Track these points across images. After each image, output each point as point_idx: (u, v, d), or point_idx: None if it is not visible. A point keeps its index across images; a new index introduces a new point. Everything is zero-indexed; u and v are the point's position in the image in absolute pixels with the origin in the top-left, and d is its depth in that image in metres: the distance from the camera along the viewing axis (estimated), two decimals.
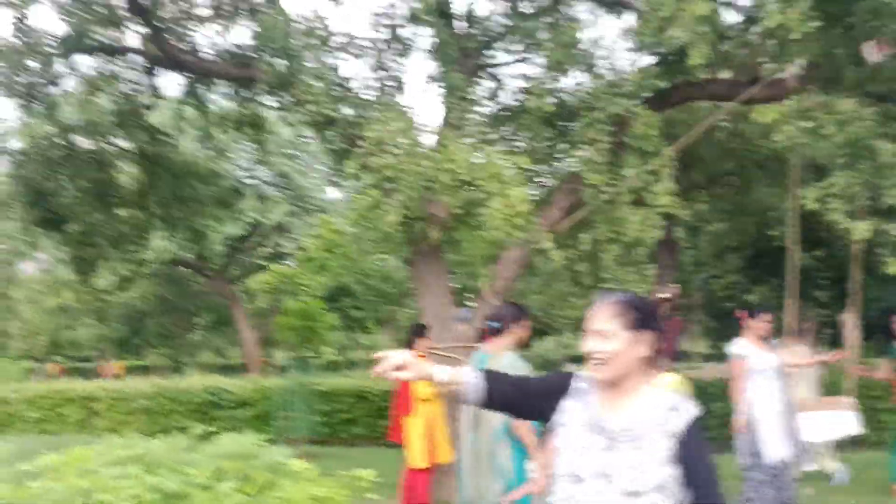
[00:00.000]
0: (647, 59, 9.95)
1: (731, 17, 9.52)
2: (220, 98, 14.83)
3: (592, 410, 2.72)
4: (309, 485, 3.82)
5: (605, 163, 8.34)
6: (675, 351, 9.53)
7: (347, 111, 9.45)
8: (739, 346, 7.62)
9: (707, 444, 2.63)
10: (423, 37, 10.52)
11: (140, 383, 18.01)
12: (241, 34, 12.59)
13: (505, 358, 5.34)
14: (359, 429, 15.29)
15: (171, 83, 14.24)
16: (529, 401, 2.85)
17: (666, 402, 2.65)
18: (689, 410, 2.63)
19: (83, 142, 14.19)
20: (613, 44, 14.60)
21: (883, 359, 10.00)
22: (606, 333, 2.65)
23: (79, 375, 37.86)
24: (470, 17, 10.69)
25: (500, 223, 7.53)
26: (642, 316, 2.68)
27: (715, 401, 10.46)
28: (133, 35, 12.87)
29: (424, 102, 23.45)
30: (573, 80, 10.67)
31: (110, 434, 13.66)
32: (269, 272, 28.79)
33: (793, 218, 9.47)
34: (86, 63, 13.41)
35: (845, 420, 9.09)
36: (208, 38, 12.59)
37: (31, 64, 11.65)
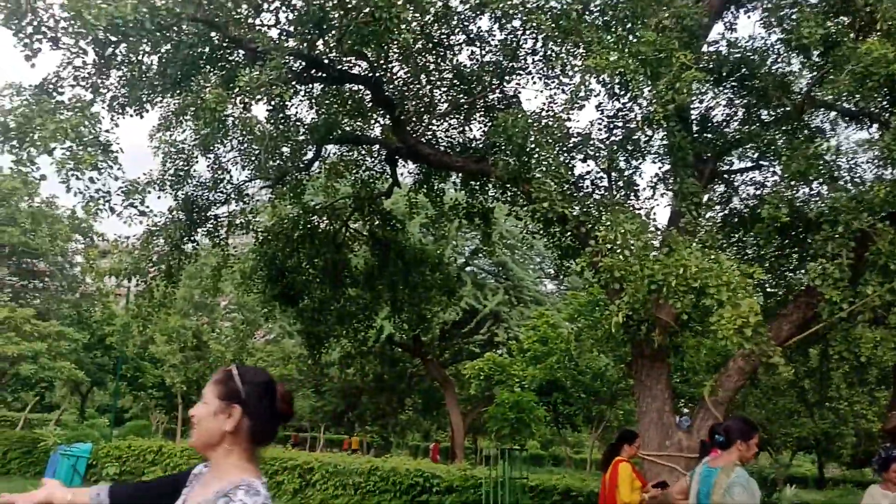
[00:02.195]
0: (893, 173, 9.55)
1: None
2: (450, 188, 15.46)
3: (189, 494, 2.63)
4: None
5: (844, 278, 7.98)
6: None
7: (577, 209, 9.59)
8: None
9: None
10: (657, 140, 10.61)
11: (353, 460, 18.55)
12: (477, 129, 13.12)
13: (735, 474, 5.15)
14: None
15: (406, 172, 14.92)
16: (160, 500, 2.77)
17: (225, 489, 2.41)
18: (235, 499, 2.36)
19: (322, 223, 15.15)
20: (855, 154, 14.01)
21: None
22: (203, 398, 2.60)
23: (297, 446, 39.53)
24: (706, 123, 10.67)
25: (729, 332, 7.33)
26: (236, 389, 2.56)
27: None
28: (376, 126, 13.76)
29: (653, 203, 23.21)
30: (811, 191, 10.40)
31: None
32: (482, 359, 29.23)
33: None
34: (331, 150, 14.40)
35: None
36: (445, 132, 13.23)
37: (284, 150, 12.59)
